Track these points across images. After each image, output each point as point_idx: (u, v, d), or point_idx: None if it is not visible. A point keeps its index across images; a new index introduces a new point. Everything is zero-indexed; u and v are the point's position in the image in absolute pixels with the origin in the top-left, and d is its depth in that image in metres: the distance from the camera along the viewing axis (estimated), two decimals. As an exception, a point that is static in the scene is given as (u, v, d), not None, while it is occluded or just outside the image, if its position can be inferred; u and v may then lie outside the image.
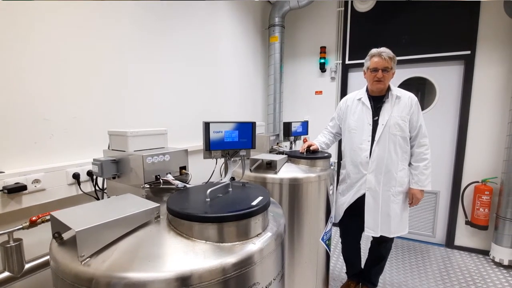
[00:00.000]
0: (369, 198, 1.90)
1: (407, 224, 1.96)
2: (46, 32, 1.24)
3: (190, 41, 2.16)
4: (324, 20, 3.44)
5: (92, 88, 1.46)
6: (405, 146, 1.85)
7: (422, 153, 1.84)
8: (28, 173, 1.15)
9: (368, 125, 1.88)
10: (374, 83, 1.84)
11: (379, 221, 1.90)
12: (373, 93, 1.91)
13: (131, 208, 0.82)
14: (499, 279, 2.48)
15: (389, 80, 1.85)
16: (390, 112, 1.83)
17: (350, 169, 2.00)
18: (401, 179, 1.86)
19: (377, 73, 1.79)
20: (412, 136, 1.85)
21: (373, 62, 1.80)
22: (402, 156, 1.85)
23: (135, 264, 0.68)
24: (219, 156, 1.12)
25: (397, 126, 1.81)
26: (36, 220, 1.05)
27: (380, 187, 1.87)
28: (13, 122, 1.15)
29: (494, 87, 2.75)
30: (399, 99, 1.85)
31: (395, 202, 1.88)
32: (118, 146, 1.15)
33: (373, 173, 1.87)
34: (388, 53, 1.78)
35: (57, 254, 0.75)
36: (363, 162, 1.89)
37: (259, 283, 0.81)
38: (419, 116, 1.85)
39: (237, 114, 2.92)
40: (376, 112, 1.88)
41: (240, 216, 0.81)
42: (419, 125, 1.84)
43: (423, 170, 1.84)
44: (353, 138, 1.95)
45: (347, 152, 2.03)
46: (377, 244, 2.07)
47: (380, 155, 1.84)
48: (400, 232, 1.92)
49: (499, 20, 2.66)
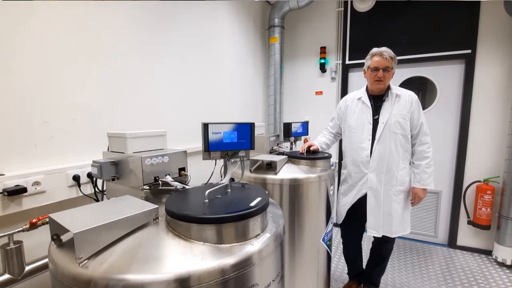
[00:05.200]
0: (371, 198, 1.89)
1: (409, 223, 1.94)
2: (45, 33, 1.25)
3: (190, 42, 2.17)
4: (324, 20, 3.44)
5: (92, 90, 1.46)
6: (406, 145, 1.83)
7: (424, 151, 1.83)
8: (28, 176, 1.16)
9: (368, 124, 1.87)
10: (374, 82, 1.83)
11: (381, 221, 1.88)
12: (373, 92, 1.91)
13: (130, 209, 0.82)
14: (502, 279, 2.46)
15: (390, 79, 1.84)
16: (391, 111, 1.82)
17: (351, 169, 1.99)
18: (402, 178, 1.85)
19: (378, 73, 1.78)
20: (413, 134, 1.84)
21: (374, 61, 1.79)
22: (403, 155, 1.84)
23: (133, 266, 0.68)
24: (218, 157, 1.12)
25: (398, 125, 1.80)
26: (36, 222, 1.05)
27: (381, 186, 1.85)
28: (13, 125, 1.16)
29: (495, 85, 2.74)
30: (399, 97, 1.84)
31: (396, 202, 1.86)
32: (117, 148, 1.16)
33: (374, 172, 1.86)
34: (389, 52, 1.77)
35: (55, 256, 0.75)
36: (364, 161, 1.88)
37: (258, 284, 0.81)
38: (420, 114, 1.83)
39: (237, 115, 2.92)
40: (376, 111, 1.87)
41: (239, 217, 0.81)
42: (420, 123, 1.82)
43: (425, 168, 1.82)
44: (353, 137, 1.94)
45: (347, 151, 2.02)
46: (379, 244, 2.05)
47: (381, 154, 1.83)
48: (402, 232, 1.90)
49: (500, 19, 2.65)
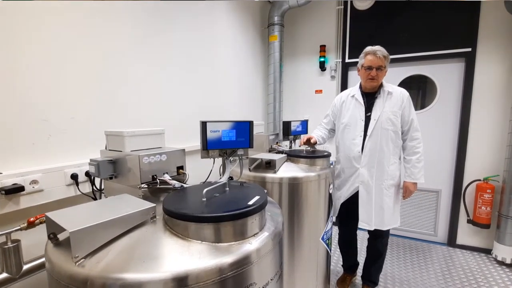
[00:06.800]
0: (363, 192, 1.96)
1: (399, 216, 2.02)
2: (43, 32, 1.24)
3: (188, 41, 2.16)
4: (324, 18, 3.42)
5: (90, 88, 1.45)
6: (396, 141, 1.90)
7: (414, 146, 1.90)
8: (26, 174, 1.15)
9: (360, 120, 1.94)
10: (368, 80, 1.88)
11: (373, 214, 1.95)
12: (366, 89, 1.97)
13: (127, 208, 0.82)
14: (502, 277, 2.46)
15: (383, 78, 1.90)
16: (382, 108, 1.89)
17: (344, 164, 2.06)
18: (393, 173, 1.92)
19: (371, 71, 1.84)
20: (404, 130, 1.91)
21: (368, 60, 1.84)
22: (393, 150, 1.90)
23: (130, 265, 0.68)
24: (216, 156, 1.11)
25: (389, 121, 1.86)
26: (34, 221, 1.05)
27: (373, 181, 1.92)
28: (10, 123, 1.15)
29: (495, 84, 2.73)
30: (391, 94, 1.90)
31: (387, 195, 1.93)
32: (115, 146, 1.15)
33: (365, 167, 1.93)
34: (382, 51, 1.82)
35: (52, 255, 0.74)
36: (356, 156, 1.95)
37: (256, 283, 0.80)
38: (411, 111, 1.89)
39: (236, 113, 2.91)
40: (369, 108, 1.93)
41: (236, 215, 0.80)
42: (411, 119, 1.88)
43: (416, 163, 1.90)
44: (346, 133, 2.01)
45: (340, 147, 2.09)
46: (374, 239, 2.11)
47: (372, 150, 1.90)
48: (393, 225, 1.98)
49: (500, 17, 2.64)
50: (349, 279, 2.36)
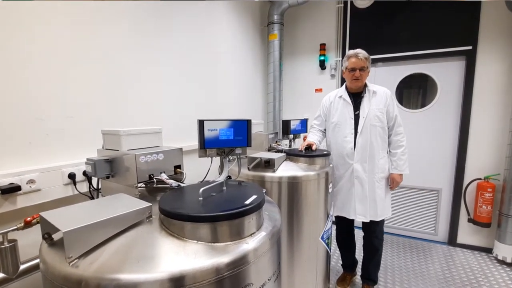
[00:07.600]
0: (358, 186, 2.05)
1: (390, 207, 2.13)
2: (41, 31, 1.23)
3: (188, 40, 2.15)
4: (324, 17, 3.41)
5: (88, 87, 1.44)
6: (384, 136, 2.02)
7: (399, 140, 2.03)
8: (23, 174, 1.15)
9: (350, 119, 2.04)
10: (353, 81, 2.00)
11: (368, 206, 2.03)
12: (352, 90, 2.08)
13: (122, 208, 0.81)
14: (502, 277, 2.45)
15: (366, 78, 2.02)
16: (369, 106, 2.00)
17: (337, 161, 2.12)
18: (382, 166, 2.03)
19: (355, 72, 1.95)
20: (389, 126, 2.04)
21: (351, 62, 1.96)
22: (382, 145, 2.02)
23: (125, 265, 0.67)
24: (214, 155, 1.10)
25: (376, 118, 1.98)
26: (31, 221, 1.04)
27: (366, 175, 2.02)
28: (7, 122, 1.14)
29: (496, 82, 2.71)
30: (376, 93, 2.02)
31: (379, 188, 2.03)
32: (111, 145, 1.14)
33: (358, 162, 2.02)
34: (363, 54, 1.94)
35: (46, 255, 0.74)
36: (349, 153, 2.05)
37: (253, 283, 0.79)
38: (394, 108, 2.03)
39: (236, 112, 2.90)
40: (357, 107, 2.04)
41: (233, 215, 0.79)
42: (395, 115, 2.02)
43: (401, 156, 2.02)
44: (337, 132, 2.11)
45: (332, 145, 2.17)
46: (369, 235, 2.16)
47: (363, 145, 2.00)
48: (385, 215, 2.08)
49: (501, 15, 2.62)
50: (349, 278, 2.38)
